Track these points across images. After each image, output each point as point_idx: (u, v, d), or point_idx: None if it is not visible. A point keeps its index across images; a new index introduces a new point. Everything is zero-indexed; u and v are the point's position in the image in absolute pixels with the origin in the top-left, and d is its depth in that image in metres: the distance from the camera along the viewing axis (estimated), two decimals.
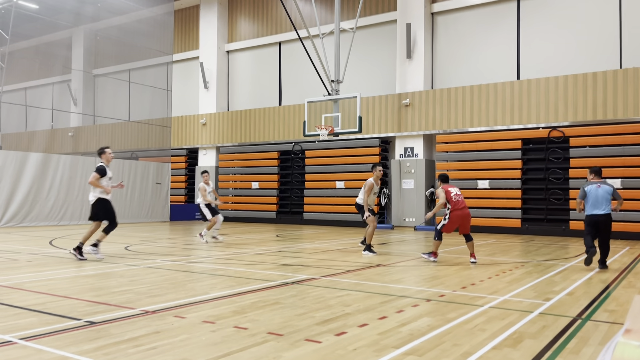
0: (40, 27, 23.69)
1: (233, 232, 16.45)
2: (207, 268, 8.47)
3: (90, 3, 23.52)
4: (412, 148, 19.36)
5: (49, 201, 18.95)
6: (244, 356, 3.81)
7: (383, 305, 5.58)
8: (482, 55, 18.71)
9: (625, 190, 15.44)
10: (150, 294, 6.09)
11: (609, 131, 15.72)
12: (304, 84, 22.28)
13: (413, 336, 4.38)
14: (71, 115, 26.79)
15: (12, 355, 3.78)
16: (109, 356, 3.78)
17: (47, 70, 26.35)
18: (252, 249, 11.59)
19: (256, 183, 23.23)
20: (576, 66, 16.83)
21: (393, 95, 19.54)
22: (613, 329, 4.72)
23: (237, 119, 23.71)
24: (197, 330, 4.53)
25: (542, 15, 17.67)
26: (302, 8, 21.91)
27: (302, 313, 5.18)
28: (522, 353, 3.97)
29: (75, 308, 5.32)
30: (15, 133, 25.56)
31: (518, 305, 5.70)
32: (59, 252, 10.53)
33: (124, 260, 9.34)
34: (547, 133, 16.72)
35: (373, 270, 8.39)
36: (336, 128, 16.82)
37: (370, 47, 20.96)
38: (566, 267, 8.91)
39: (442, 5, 19.38)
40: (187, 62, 26.48)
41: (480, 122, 17.82)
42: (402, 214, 19.43)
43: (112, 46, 25.86)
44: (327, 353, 3.91)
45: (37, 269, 8.17)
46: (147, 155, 24.11)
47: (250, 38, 24.46)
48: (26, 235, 14.58)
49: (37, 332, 4.37)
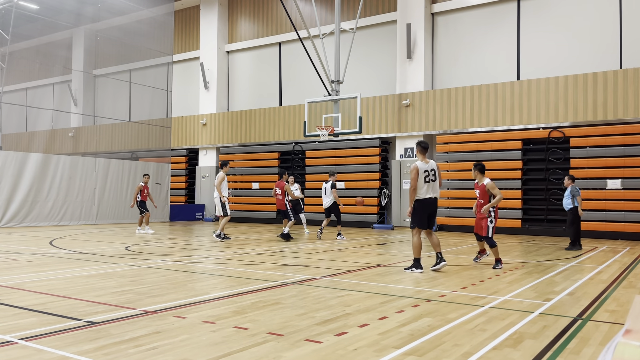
0: (41, 28, 23.70)
1: (233, 232, 16.45)
2: (207, 268, 8.47)
3: (91, 3, 23.53)
4: (412, 148, 19.36)
5: (49, 201, 18.95)
6: (244, 356, 3.81)
7: (383, 306, 5.58)
8: (482, 55, 18.71)
9: (625, 190, 15.45)
10: (151, 294, 6.09)
11: (609, 131, 15.72)
12: (304, 84, 22.28)
13: (413, 336, 4.38)
14: (71, 115, 26.80)
15: (12, 355, 3.78)
16: (109, 356, 3.78)
17: (47, 70, 26.34)
18: (252, 249, 11.59)
19: (256, 183, 23.23)
20: (576, 66, 16.83)
21: (393, 96, 19.54)
22: (613, 330, 4.72)
23: (238, 120, 23.72)
24: (198, 330, 4.53)
25: (543, 15, 17.67)
26: (302, 8, 21.91)
27: (303, 313, 5.18)
28: (522, 353, 3.97)
29: (75, 308, 5.32)
30: (15, 133, 25.56)
31: (518, 305, 5.70)
32: (59, 252, 10.53)
33: (124, 260, 9.34)
34: (547, 133, 16.71)
35: (373, 270, 8.39)
36: (336, 128, 16.83)
37: (371, 47, 20.96)
38: (567, 268, 8.91)
39: (443, 5, 19.39)
40: (187, 62, 26.48)
41: (481, 122, 17.82)
42: (402, 215, 19.43)
43: (113, 46, 25.87)
44: (327, 353, 3.91)
45: (38, 269, 8.17)
46: (147, 155, 24.11)
47: (250, 38, 24.47)
48: (26, 236, 14.58)
49: (38, 332, 4.37)
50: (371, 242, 13.64)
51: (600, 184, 15.76)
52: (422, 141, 8.31)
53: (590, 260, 10.16)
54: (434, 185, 8.15)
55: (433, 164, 8.22)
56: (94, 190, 20.32)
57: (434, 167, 8.19)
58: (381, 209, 20.16)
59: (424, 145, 8.26)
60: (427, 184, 8.10)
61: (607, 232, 15.51)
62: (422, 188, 8.09)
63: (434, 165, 8.21)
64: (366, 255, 10.61)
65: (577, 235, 12.08)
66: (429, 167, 8.14)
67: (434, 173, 8.14)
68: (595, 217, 15.71)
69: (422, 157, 8.23)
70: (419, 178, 8.06)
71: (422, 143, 8.27)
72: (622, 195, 15.49)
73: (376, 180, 20.04)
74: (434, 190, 8.16)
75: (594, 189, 15.87)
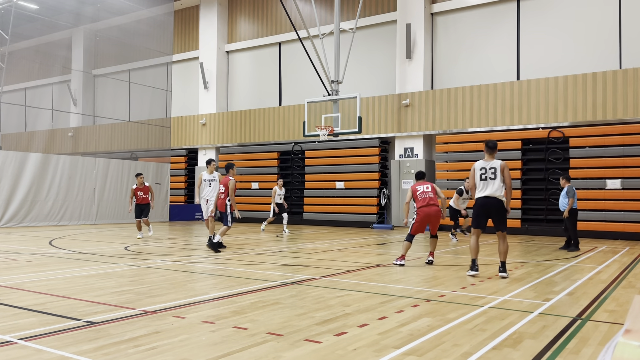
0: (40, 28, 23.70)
1: (233, 233, 16.44)
2: (207, 268, 8.47)
3: (90, 3, 23.53)
4: (412, 148, 19.37)
5: (49, 201, 18.95)
6: (243, 356, 3.81)
7: (383, 306, 5.58)
8: (482, 55, 18.71)
9: (624, 190, 15.45)
10: (150, 294, 6.09)
11: (608, 131, 15.72)
12: (304, 84, 22.28)
13: (413, 336, 4.38)
14: (71, 115, 26.79)
15: (11, 355, 3.78)
16: (109, 356, 3.77)
17: (46, 70, 26.35)
18: (251, 249, 11.59)
19: (256, 183, 23.23)
20: (576, 66, 16.83)
21: (393, 96, 19.54)
22: (613, 329, 4.72)
23: (237, 119, 23.71)
24: (197, 330, 4.53)
25: (542, 15, 17.67)
26: (302, 8, 21.91)
27: (302, 313, 5.18)
28: (522, 353, 3.97)
29: (74, 308, 5.32)
30: (15, 133, 25.57)
31: (518, 305, 5.70)
32: (58, 252, 10.52)
33: (123, 260, 9.33)
34: (547, 133, 16.72)
35: (373, 270, 8.39)
36: (336, 128, 16.83)
37: (370, 47, 20.97)
38: (566, 268, 8.91)
39: (442, 5, 19.39)
40: (186, 62, 26.48)
41: (480, 122, 17.82)
42: (402, 215, 19.43)
43: (112, 46, 25.86)
44: (327, 353, 3.91)
45: (37, 269, 8.16)
46: (147, 155, 24.10)
47: (250, 38, 24.47)
48: (26, 236, 14.57)
49: (37, 332, 4.37)
50: (370, 242, 13.64)
51: (600, 184, 15.77)
52: (489, 140, 7.97)
53: (589, 260, 10.16)
54: (491, 183, 7.66)
55: (496, 162, 7.75)
56: (94, 190, 20.31)
57: (496, 165, 7.71)
58: (381, 209, 20.17)
59: (490, 145, 7.88)
60: (483, 181, 7.73)
61: (606, 232, 15.51)
62: (478, 186, 7.79)
63: (496, 164, 7.73)
64: (366, 255, 10.61)
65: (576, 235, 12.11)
66: (489, 165, 7.75)
67: (493, 171, 7.69)
68: (595, 217, 15.71)
69: (487, 156, 7.85)
70: (475, 176, 7.82)
71: (489, 142, 7.91)
72: (622, 195, 15.50)
73: (376, 180, 20.04)
74: (491, 189, 7.66)
75: (594, 189, 15.87)
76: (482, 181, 7.75)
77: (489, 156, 7.85)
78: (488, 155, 7.86)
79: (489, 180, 7.70)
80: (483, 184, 7.74)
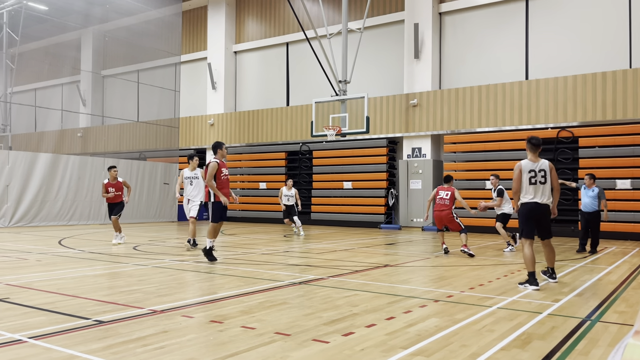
0: (50, 29, 23.90)
1: (240, 232, 16.48)
2: (214, 268, 8.49)
3: (99, 4, 23.68)
4: (419, 148, 19.32)
5: (58, 201, 19.08)
6: (251, 356, 3.81)
7: (390, 306, 5.57)
8: (490, 55, 18.63)
9: (635, 190, 15.32)
10: (158, 294, 6.11)
11: (618, 131, 15.60)
12: (312, 84, 22.29)
13: (421, 337, 4.37)
14: (80, 115, 26.98)
15: (21, 354, 3.81)
16: (117, 355, 3.79)
17: (56, 71, 26.56)
18: (259, 249, 11.61)
19: (264, 183, 23.26)
20: (585, 66, 16.71)
21: (401, 96, 19.50)
22: (623, 331, 4.68)
23: (245, 120, 23.76)
24: (205, 329, 4.54)
25: (551, 14, 17.57)
26: (309, 9, 21.92)
27: (310, 313, 5.18)
28: (530, 354, 3.94)
29: (83, 307, 5.35)
30: (24, 133, 25.78)
31: (527, 306, 5.67)
32: (68, 252, 10.59)
33: (132, 259, 9.38)
34: (556, 133, 16.62)
35: (380, 270, 8.38)
36: (344, 128, 16.82)
37: (378, 47, 20.94)
38: (575, 268, 8.85)
39: (450, 5, 19.33)
40: (195, 62, 26.56)
41: (489, 122, 17.74)
42: (409, 215, 19.39)
43: (121, 47, 26.02)
44: (334, 353, 3.90)
45: (46, 268, 8.22)
46: (155, 155, 24.22)
47: (257, 39, 24.51)
48: (35, 235, 14.68)
49: (46, 331, 4.40)
50: (378, 242, 13.62)
51: (610, 184, 15.64)
52: (532, 137, 6.97)
53: (599, 260, 10.09)
54: (541, 188, 6.84)
55: (544, 164, 6.90)
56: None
57: (545, 167, 6.87)
58: (388, 209, 20.13)
59: (534, 142, 6.93)
60: (533, 185, 6.84)
61: (616, 233, 15.38)
62: (527, 190, 6.88)
63: (545, 165, 6.89)
64: (373, 255, 10.59)
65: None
66: (537, 167, 6.86)
67: (542, 174, 6.84)
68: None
69: (532, 155, 6.95)
70: (522, 178, 6.90)
71: (532, 139, 6.94)
72: (632, 195, 15.37)
73: (383, 180, 20.01)
74: (543, 195, 6.86)
75: (604, 189, 15.72)
76: (531, 185, 6.85)
77: (534, 155, 6.95)
78: (532, 154, 6.95)
79: (539, 185, 6.85)
80: (533, 188, 6.85)
